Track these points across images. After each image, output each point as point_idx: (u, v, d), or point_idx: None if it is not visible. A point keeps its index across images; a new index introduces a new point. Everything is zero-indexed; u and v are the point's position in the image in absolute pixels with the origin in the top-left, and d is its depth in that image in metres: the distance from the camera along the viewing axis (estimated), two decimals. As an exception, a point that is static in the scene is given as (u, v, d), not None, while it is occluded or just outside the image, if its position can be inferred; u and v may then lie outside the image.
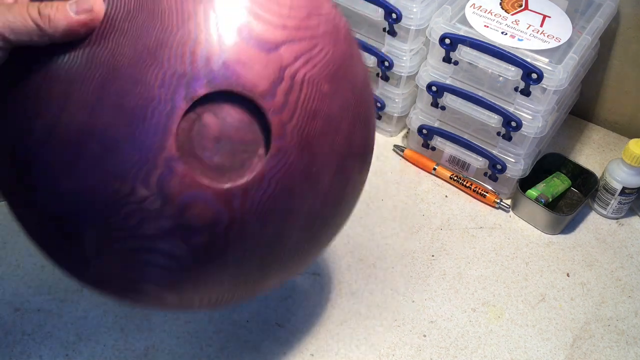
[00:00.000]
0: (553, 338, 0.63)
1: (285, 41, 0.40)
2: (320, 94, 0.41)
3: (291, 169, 0.40)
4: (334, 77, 0.42)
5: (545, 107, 0.66)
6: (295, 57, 0.40)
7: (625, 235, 0.73)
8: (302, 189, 0.41)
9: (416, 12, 0.68)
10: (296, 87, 0.40)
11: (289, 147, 0.40)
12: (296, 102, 0.40)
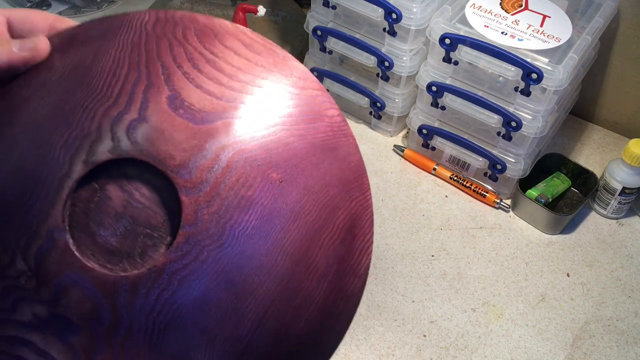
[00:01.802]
0: (553, 338, 0.63)
1: (225, 114, 0.33)
2: (263, 182, 0.33)
3: (203, 269, 0.31)
4: (290, 164, 0.34)
5: (545, 107, 0.66)
6: (233, 132, 0.33)
7: (625, 235, 0.73)
8: (219, 299, 0.32)
9: (416, 12, 0.68)
10: (227, 166, 0.32)
11: (202, 238, 0.32)
12: (221, 185, 0.32)
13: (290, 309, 0.32)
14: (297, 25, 0.92)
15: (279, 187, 0.33)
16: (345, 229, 0.35)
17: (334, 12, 0.75)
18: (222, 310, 0.32)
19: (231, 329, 0.32)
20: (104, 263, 0.32)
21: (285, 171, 0.33)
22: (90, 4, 0.95)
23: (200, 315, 0.32)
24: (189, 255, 0.31)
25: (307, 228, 0.33)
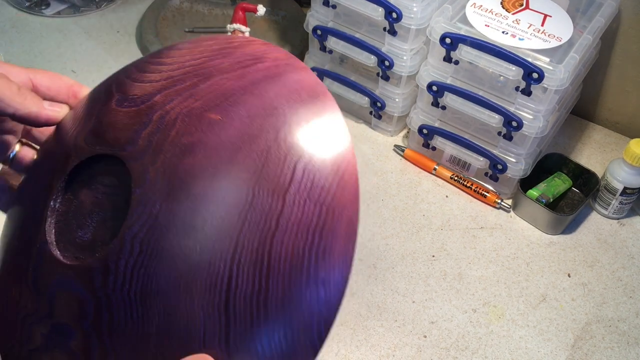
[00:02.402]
0: (554, 338, 0.62)
1: (164, 89, 0.35)
2: (202, 125, 0.33)
3: (159, 224, 0.32)
4: (229, 101, 0.34)
5: (546, 106, 0.66)
6: (170, 98, 0.35)
7: (626, 236, 0.73)
8: (186, 247, 0.32)
9: (416, 12, 0.68)
10: (166, 126, 0.33)
11: (151, 194, 0.32)
12: (163, 142, 0.33)
13: (258, 232, 0.31)
14: (297, 24, 0.92)
15: (219, 124, 0.33)
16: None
17: (334, 11, 0.75)
18: (191, 257, 0.31)
19: (206, 271, 0.31)
20: (83, 257, 0.33)
21: (224, 109, 0.34)
22: (89, 3, 0.95)
23: (171, 270, 0.31)
24: (143, 215, 0.32)
25: (256, 151, 0.33)
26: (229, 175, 0.32)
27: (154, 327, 0.31)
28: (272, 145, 0.33)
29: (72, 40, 0.90)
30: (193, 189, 0.32)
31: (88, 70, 0.86)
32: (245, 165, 0.32)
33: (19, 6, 0.94)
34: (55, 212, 0.35)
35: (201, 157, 0.32)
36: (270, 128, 0.33)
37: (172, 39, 0.89)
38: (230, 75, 0.35)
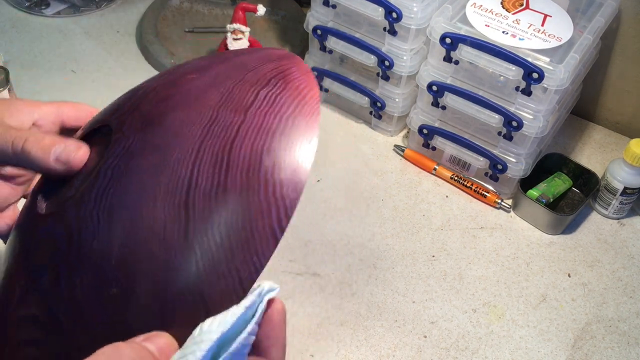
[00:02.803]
0: (554, 339, 0.62)
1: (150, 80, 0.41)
2: (178, 82, 0.38)
3: (131, 150, 0.35)
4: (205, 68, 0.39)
5: (546, 106, 0.66)
6: (153, 80, 0.40)
7: (626, 236, 0.73)
8: (147, 160, 0.34)
9: (417, 12, 0.68)
10: (146, 92, 0.38)
11: (127, 133, 0.36)
12: (141, 100, 0.38)
13: (219, 140, 0.34)
14: (297, 24, 0.92)
15: (195, 79, 0.38)
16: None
17: (334, 11, 0.75)
18: (155, 169, 0.34)
19: (168, 177, 0.33)
20: (64, 204, 0.36)
21: (200, 72, 0.38)
22: (89, 4, 0.95)
23: (137, 184, 0.33)
24: (118, 149, 0.35)
25: (223, 87, 0.37)
26: (197, 105, 0.35)
27: (117, 237, 0.33)
28: (239, 83, 0.36)
29: (72, 40, 0.90)
30: (164, 121, 0.35)
31: (88, 70, 0.86)
32: (211, 98, 0.36)
33: (19, 6, 0.94)
34: (44, 203, 0.38)
35: (175, 100, 0.36)
36: (238, 74, 0.37)
37: (172, 39, 0.89)
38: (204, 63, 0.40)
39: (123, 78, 0.85)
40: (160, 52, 0.86)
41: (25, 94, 0.80)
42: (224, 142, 0.33)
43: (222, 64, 0.39)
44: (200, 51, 0.87)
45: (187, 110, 0.35)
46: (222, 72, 0.38)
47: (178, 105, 0.36)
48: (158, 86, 0.38)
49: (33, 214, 0.38)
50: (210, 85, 0.37)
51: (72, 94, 0.82)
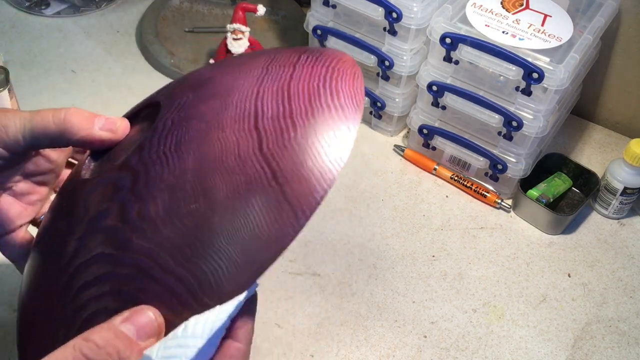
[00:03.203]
0: (554, 339, 0.62)
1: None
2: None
3: (187, 103, 0.38)
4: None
5: (546, 106, 0.66)
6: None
7: (626, 236, 0.73)
8: (207, 105, 0.38)
9: (417, 12, 0.68)
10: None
11: (179, 95, 0.39)
12: (186, 80, 0.42)
13: (276, 82, 0.38)
14: (297, 24, 0.92)
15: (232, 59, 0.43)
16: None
17: (334, 11, 0.75)
18: (218, 109, 0.37)
19: (233, 111, 0.37)
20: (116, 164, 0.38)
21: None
22: (89, 3, 0.95)
23: (200, 122, 0.37)
24: (172, 106, 0.38)
25: (266, 55, 0.41)
26: (245, 67, 0.39)
27: (189, 162, 0.35)
28: (278, 52, 0.41)
29: (72, 40, 0.90)
30: (214, 80, 0.39)
31: (88, 70, 0.86)
32: (257, 61, 0.40)
33: (19, 6, 0.94)
34: (89, 169, 0.40)
35: (221, 70, 0.40)
36: (272, 51, 0.42)
37: (172, 39, 0.89)
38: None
39: (123, 78, 0.85)
40: (160, 52, 0.86)
41: (25, 94, 0.80)
42: (280, 83, 0.37)
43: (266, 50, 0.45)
44: (200, 51, 0.87)
45: (235, 72, 0.39)
46: (260, 51, 0.42)
47: (224, 71, 0.40)
48: (199, 70, 0.42)
49: (75, 182, 0.40)
50: (252, 56, 0.41)
51: (72, 94, 0.82)
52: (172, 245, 0.34)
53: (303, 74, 0.38)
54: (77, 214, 0.37)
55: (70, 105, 0.41)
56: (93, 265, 0.35)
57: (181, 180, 0.35)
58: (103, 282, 0.35)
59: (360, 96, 0.37)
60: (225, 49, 0.78)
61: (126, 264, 0.34)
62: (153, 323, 0.33)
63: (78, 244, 0.36)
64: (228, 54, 0.78)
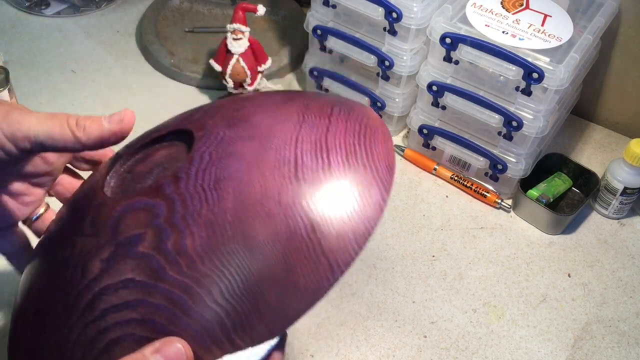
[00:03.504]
0: (554, 339, 0.62)
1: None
2: (244, 102, 0.43)
3: (225, 140, 0.38)
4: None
5: (546, 106, 0.66)
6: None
7: (626, 236, 0.73)
8: (246, 147, 0.38)
9: (417, 12, 0.68)
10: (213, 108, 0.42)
11: (213, 130, 0.39)
12: (215, 112, 0.41)
13: (313, 133, 0.39)
14: (297, 24, 0.91)
15: (260, 97, 0.43)
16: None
17: (334, 11, 0.75)
18: (257, 151, 0.37)
19: (273, 155, 0.37)
20: (145, 190, 0.38)
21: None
22: (89, 4, 0.95)
23: (240, 162, 0.37)
24: (208, 140, 0.38)
25: (298, 103, 0.42)
26: (280, 110, 0.40)
27: (229, 201, 0.36)
28: (311, 100, 0.42)
29: (72, 40, 0.90)
30: (250, 120, 0.39)
31: (88, 70, 0.86)
32: (291, 107, 0.41)
33: (19, 6, 0.94)
34: (109, 186, 0.40)
35: (253, 108, 0.40)
36: (303, 96, 0.43)
37: (172, 39, 0.89)
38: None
39: (123, 78, 0.85)
40: (160, 52, 0.86)
41: (25, 94, 0.80)
42: (318, 135, 0.38)
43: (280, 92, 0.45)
44: (200, 51, 0.87)
45: (271, 114, 0.40)
46: (288, 94, 0.43)
47: (258, 111, 0.40)
48: (224, 103, 0.43)
49: (95, 196, 0.40)
50: (284, 99, 0.42)
51: (72, 94, 0.82)
52: (208, 283, 0.34)
53: (339, 129, 0.39)
54: (103, 233, 0.37)
55: (70, 105, 0.42)
56: (122, 290, 0.35)
57: (220, 219, 0.35)
58: (132, 308, 0.35)
59: (393, 159, 0.39)
60: (225, 49, 0.78)
61: (158, 294, 0.34)
62: (182, 356, 0.33)
63: (105, 265, 0.36)
64: (228, 54, 0.78)
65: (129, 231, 0.36)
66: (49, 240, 0.43)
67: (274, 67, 0.86)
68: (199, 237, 0.35)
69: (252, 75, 0.79)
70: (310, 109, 0.41)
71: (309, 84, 0.85)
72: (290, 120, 0.39)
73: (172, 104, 0.83)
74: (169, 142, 0.41)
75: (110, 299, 0.35)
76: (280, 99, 0.42)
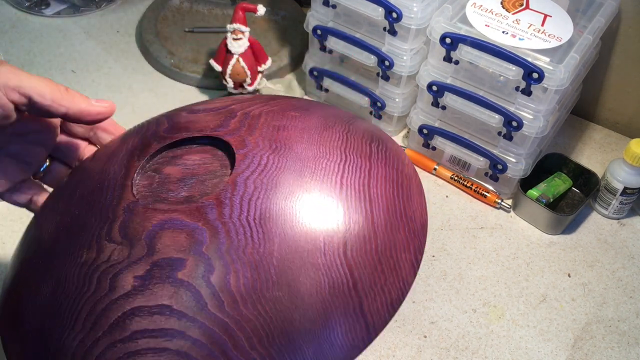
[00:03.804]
0: (554, 339, 0.62)
1: (234, 102, 0.42)
2: (283, 117, 0.41)
3: (269, 168, 0.37)
4: (301, 109, 0.43)
5: (546, 106, 0.66)
6: (248, 104, 0.42)
7: (626, 236, 0.73)
8: (291, 181, 0.38)
9: (417, 12, 0.68)
10: (252, 117, 0.41)
11: (256, 150, 0.38)
12: (254, 124, 0.39)
13: (356, 178, 0.39)
14: (297, 24, 0.91)
15: (300, 117, 0.41)
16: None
17: (334, 11, 0.75)
18: (304, 186, 0.37)
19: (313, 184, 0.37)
20: (186, 204, 0.36)
21: (300, 111, 0.42)
22: (89, 3, 0.95)
23: (287, 199, 0.36)
24: (252, 164, 0.37)
25: (338, 131, 0.42)
26: (322, 140, 0.40)
27: (275, 245, 0.35)
28: (348, 132, 0.41)
29: (72, 40, 0.90)
30: (294, 148, 0.38)
31: (88, 70, 0.86)
32: (332, 138, 0.40)
33: (19, 6, 0.94)
34: (136, 184, 0.38)
35: (294, 132, 0.39)
36: (340, 122, 0.42)
37: (172, 39, 0.89)
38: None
39: (123, 78, 0.85)
40: (160, 52, 0.86)
41: (25, 94, 0.80)
42: (361, 181, 0.38)
43: (318, 109, 0.44)
44: (200, 51, 0.87)
45: (313, 145, 0.39)
46: (327, 117, 0.42)
47: (299, 138, 0.39)
48: (262, 114, 0.41)
49: (127, 202, 0.38)
50: (323, 125, 0.41)
51: (72, 94, 0.82)
52: (249, 327, 0.33)
53: (379, 176, 0.39)
54: (136, 246, 0.35)
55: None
56: (157, 315, 0.34)
57: (266, 262, 0.34)
58: (168, 338, 0.33)
59: (426, 216, 0.39)
60: (225, 49, 0.78)
61: (197, 329, 0.33)
62: None
63: (139, 284, 0.34)
64: (228, 54, 0.78)
65: (168, 252, 0.34)
66: (64, 227, 0.40)
67: (274, 67, 0.86)
68: (244, 277, 0.34)
69: (252, 75, 0.79)
70: (350, 144, 0.40)
71: (309, 84, 0.85)
72: (333, 157, 0.39)
73: (172, 104, 0.83)
74: (200, 146, 0.40)
75: (143, 322, 0.34)
76: (320, 124, 0.41)
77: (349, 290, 0.34)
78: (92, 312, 0.35)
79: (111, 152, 0.43)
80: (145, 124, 0.45)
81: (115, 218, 0.36)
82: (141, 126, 0.45)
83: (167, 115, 0.44)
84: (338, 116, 0.44)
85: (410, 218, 0.38)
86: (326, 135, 0.40)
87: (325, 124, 0.41)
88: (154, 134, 0.42)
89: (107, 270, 0.35)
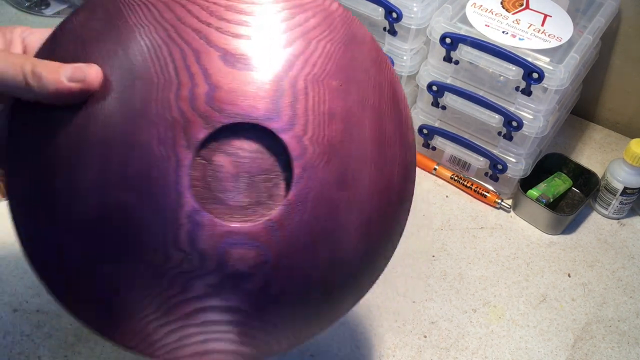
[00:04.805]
0: (554, 339, 0.62)
1: (272, 50, 0.37)
2: (330, 92, 0.37)
3: (324, 183, 0.37)
4: (341, 67, 0.38)
5: (546, 106, 0.66)
6: (289, 64, 0.36)
7: (626, 236, 0.73)
8: (341, 198, 0.38)
9: (417, 12, 0.68)
10: (300, 95, 0.36)
11: (312, 161, 0.36)
12: (305, 111, 0.36)
13: (384, 172, 0.40)
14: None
15: (342, 90, 0.38)
16: (392, 97, 0.41)
17: (334, 11, 0.75)
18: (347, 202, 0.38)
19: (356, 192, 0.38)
20: (246, 219, 0.36)
21: (338, 76, 0.38)
22: (89, 4, 0.95)
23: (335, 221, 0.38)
24: (310, 180, 0.36)
25: (374, 111, 0.39)
26: (363, 137, 0.39)
27: (322, 264, 0.38)
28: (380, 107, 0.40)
29: (72, 40, 0.90)
30: (341, 151, 0.37)
31: (88, 70, 0.86)
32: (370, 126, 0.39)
33: (19, 6, 0.94)
34: (190, 176, 0.35)
35: (340, 123, 0.37)
36: (373, 90, 0.40)
37: (172, 39, 0.89)
38: (325, 39, 0.39)
39: (123, 78, 0.85)
40: (160, 52, 0.86)
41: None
42: (384, 176, 0.40)
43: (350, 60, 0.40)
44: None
45: (356, 140, 0.38)
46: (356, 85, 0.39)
47: (348, 132, 0.38)
48: (307, 86, 0.37)
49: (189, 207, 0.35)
50: (379, 143, 0.40)
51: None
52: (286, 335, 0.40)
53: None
54: (207, 261, 0.36)
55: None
56: (227, 313, 0.38)
57: (308, 280, 0.38)
58: (235, 330, 0.38)
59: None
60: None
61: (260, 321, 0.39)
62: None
63: (211, 290, 0.37)
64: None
65: (237, 265, 0.36)
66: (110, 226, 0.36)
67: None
68: (289, 295, 0.38)
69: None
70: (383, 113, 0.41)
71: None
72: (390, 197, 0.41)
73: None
74: (245, 131, 0.36)
75: (214, 316, 0.37)
76: (375, 141, 0.39)
77: None
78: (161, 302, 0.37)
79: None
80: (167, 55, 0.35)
81: (179, 225, 0.35)
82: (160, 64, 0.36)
83: (196, 57, 0.35)
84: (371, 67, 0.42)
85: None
86: (384, 156, 0.41)
87: (380, 142, 0.40)
88: (192, 99, 0.35)
89: (177, 278, 0.36)
